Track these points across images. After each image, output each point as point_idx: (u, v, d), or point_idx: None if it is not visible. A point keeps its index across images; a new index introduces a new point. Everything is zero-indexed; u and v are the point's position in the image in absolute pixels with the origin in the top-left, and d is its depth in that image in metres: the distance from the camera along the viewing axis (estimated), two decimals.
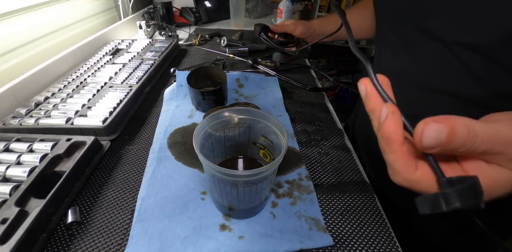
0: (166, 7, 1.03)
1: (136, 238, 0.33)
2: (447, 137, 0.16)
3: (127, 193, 0.40)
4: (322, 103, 0.63)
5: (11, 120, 0.48)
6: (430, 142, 0.17)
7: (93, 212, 0.37)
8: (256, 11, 1.31)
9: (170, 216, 0.36)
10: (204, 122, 0.32)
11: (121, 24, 0.96)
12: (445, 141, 0.16)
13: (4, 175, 0.37)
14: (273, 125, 0.33)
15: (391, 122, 0.18)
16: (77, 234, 0.34)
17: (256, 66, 0.74)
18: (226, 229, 0.35)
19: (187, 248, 0.32)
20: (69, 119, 0.48)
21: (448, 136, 0.16)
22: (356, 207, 0.39)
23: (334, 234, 0.35)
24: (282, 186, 0.41)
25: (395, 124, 0.18)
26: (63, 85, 0.60)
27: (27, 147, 0.42)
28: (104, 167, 0.44)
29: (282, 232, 0.35)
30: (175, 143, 0.47)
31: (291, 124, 0.54)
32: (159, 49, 0.79)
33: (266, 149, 0.37)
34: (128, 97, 0.55)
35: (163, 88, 0.65)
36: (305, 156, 0.47)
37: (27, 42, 0.67)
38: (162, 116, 0.55)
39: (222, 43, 0.88)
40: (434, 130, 0.17)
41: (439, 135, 0.16)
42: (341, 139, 0.52)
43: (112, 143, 0.48)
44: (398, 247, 0.34)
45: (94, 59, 0.72)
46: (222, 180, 0.29)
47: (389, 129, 0.18)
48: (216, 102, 0.55)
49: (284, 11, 0.93)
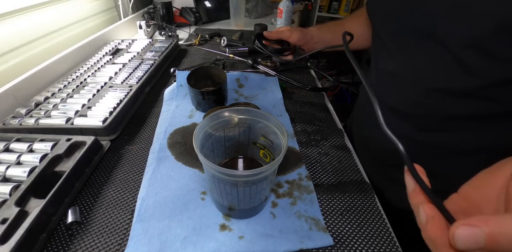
0: (166, 7, 1.03)
1: (136, 238, 0.33)
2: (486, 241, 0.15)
3: (127, 193, 0.40)
4: (322, 103, 0.63)
5: (11, 120, 0.48)
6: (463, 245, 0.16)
7: (93, 212, 0.37)
8: (256, 11, 1.31)
9: (170, 216, 0.36)
10: (204, 122, 0.32)
11: (121, 24, 0.96)
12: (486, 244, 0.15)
13: (4, 175, 0.37)
14: (273, 125, 0.33)
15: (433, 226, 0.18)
16: (77, 234, 0.34)
17: (256, 66, 0.74)
18: (226, 229, 0.35)
19: (187, 248, 0.32)
20: (69, 119, 0.48)
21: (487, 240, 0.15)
22: (356, 207, 0.39)
23: (334, 234, 0.35)
24: (282, 186, 0.41)
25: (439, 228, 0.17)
26: (63, 85, 0.60)
27: (27, 147, 0.42)
28: (104, 167, 0.44)
29: (282, 232, 0.35)
30: (175, 143, 0.47)
31: (291, 124, 0.54)
32: (159, 49, 0.79)
33: (266, 149, 0.37)
34: (128, 97, 0.55)
35: (163, 88, 0.65)
36: (305, 156, 0.47)
37: (27, 42, 0.67)
38: (162, 116, 0.55)
39: (222, 43, 0.88)
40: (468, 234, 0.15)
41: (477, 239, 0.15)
42: (341, 139, 0.52)
43: (112, 143, 0.48)
44: (398, 247, 0.34)
45: (94, 59, 0.72)
46: (222, 180, 0.29)
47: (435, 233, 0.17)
48: (216, 102, 0.55)
49: (284, 11, 0.93)
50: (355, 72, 0.73)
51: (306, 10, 2.44)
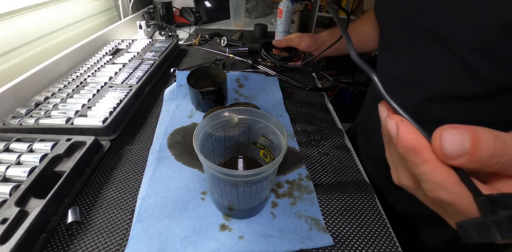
0: (166, 7, 1.03)
1: (136, 238, 0.33)
2: (472, 144, 0.14)
3: (127, 193, 0.40)
4: (322, 103, 0.63)
5: (11, 120, 0.48)
6: (452, 148, 0.15)
7: (93, 212, 0.37)
8: (256, 11, 1.31)
9: (170, 216, 0.36)
10: (204, 122, 0.32)
11: (121, 24, 0.96)
12: (471, 149, 0.14)
13: (4, 175, 0.37)
14: (273, 125, 0.33)
15: (406, 129, 0.16)
16: (77, 234, 0.34)
17: (256, 66, 0.74)
18: (226, 229, 0.35)
19: (187, 248, 0.32)
20: (69, 119, 0.48)
21: (473, 142, 0.14)
22: (356, 207, 0.39)
23: (334, 234, 0.35)
24: (282, 186, 0.41)
25: (413, 130, 0.16)
26: (63, 85, 0.60)
27: (27, 147, 0.42)
28: (104, 167, 0.44)
29: (282, 232, 0.35)
30: (175, 143, 0.47)
31: (291, 124, 0.54)
32: (159, 49, 0.79)
33: (266, 149, 0.37)
34: (128, 97, 0.55)
35: (163, 88, 0.65)
36: (305, 156, 0.47)
37: (27, 42, 0.67)
38: (162, 116, 0.55)
39: (222, 43, 0.88)
40: (455, 135, 0.15)
41: (462, 141, 0.15)
42: (341, 139, 0.52)
43: (112, 143, 0.48)
44: (398, 247, 0.34)
45: (94, 59, 0.72)
46: (222, 180, 0.29)
47: (409, 138, 0.16)
48: (216, 102, 0.55)
49: (284, 11, 0.93)
50: (355, 72, 0.72)
51: (306, 10, 2.44)
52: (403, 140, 0.16)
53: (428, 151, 0.16)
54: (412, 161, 0.16)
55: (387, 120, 0.17)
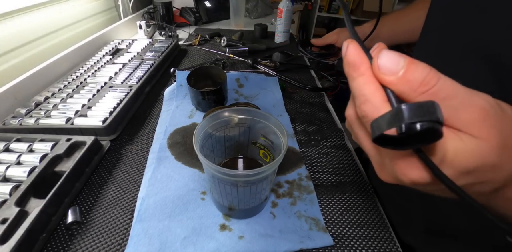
0: (166, 7, 1.03)
1: (136, 238, 0.33)
2: (407, 65, 0.15)
3: (127, 193, 0.40)
4: (322, 103, 0.63)
5: (11, 120, 0.48)
6: (388, 64, 0.16)
7: (93, 212, 0.37)
8: (256, 11, 1.31)
9: (170, 216, 0.36)
10: (204, 122, 0.32)
11: (121, 24, 0.96)
12: (405, 68, 0.15)
13: (4, 175, 0.37)
14: (273, 125, 0.33)
15: (352, 47, 0.18)
16: (77, 234, 0.34)
17: (256, 66, 0.74)
18: (226, 229, 0.35)
19: (187, 248, 0.32)
20: (69, 119, 0.48)
21: (408, 64, 0.15)
22: (356, 207, 0.39)
23: (334, 234, 0.35)
24: (282, 186, 0.41)
25: (357, 48, 0.17)
26: (63, 85, 0.60)
27: (27, 147, 0.42)
28: (104, 167, 0.44)
29: (282, 232, 0.35)
30: (175, 143, 0.47)
31: (291, 124, 0.54)
32: (159, 49, 0.79)
33: (266, 149, 0.37)
34: (128, 97, 0.55)
35: (163, 88, 0.65)
36: (305, 156, 0.47)
37: (27, 42, 0.67)
38: (162, 116, 0.55)
39: (222, 43, 0.88)
40: (393, 54, 0.16)
41: (398, 60, 0.16)
42: (341, 139, 0.52)
43: (112, 143, 0.48)
44: (398, 247, 0.34)
45: (94, 59, 0.72)
46: (222, 180, 0.29)
47: (352, 53, 0.17)
48: (216, 102, 0.55)
49: (284, 11, 0.93)
50: None
51: (306, 10, 2.45)
52: (347, 55, 0.18)
53: (365, 66, 0.17)
54: (351, 75, 0.18)
55: (343, 42, 0.18)
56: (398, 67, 0.16)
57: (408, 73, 0.15)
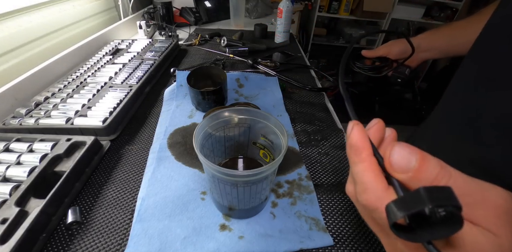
0: (166, 7, 1.03)
1: (136, 238, 0.33)
2: (418, 162, 0.15)
3: (127, 193, 0.40)
4: (322, 103, 0.63)
5: (11, 120, 0.48)
6: (400, 161, 0.16)
7: (93, 212, 0.37)
8: (256, 11, 1.31)
9: (170, 216, 0.36)
10: (204, 122, 0.32)
11: (121, 24, 0.96)
12: (417, 167, 0.15)
13: (4, 175, 0.37)
14: (273, 125, 0.33)
15: (357, 131, 0.18)
16: (77, 234, 0.34)
17: (256, 66, 0.74)
18: (226, 229, 0.35)
19: (187, 248, 0.32)
20: (69, 119, 0.48)
21: (420, 161, 0.15)
22: (356, 207, 0.39)
23: (334, 234, 0.35)
24: (282, 186, 0.41)
25: (361, 133, 0.18)
26: (63, 85, 0.60)
27: (27, 147, 0.42)
28: (104, 167, 0.44)
29: (282, 232, 0.35)
30: (175, 143, 0.47)
31: (291, 124, 0.54)
32: (159, 49, 0.79)
33: (266, 149, 0.37)
34: (128, 97, 0.55)
35: (163, 88, 0.65)
36: (305, 156, 0.47)
37: (27, 42, 0.67)
38: (162, 116, 0.55)
39: (222, 43, 0.88)
40: (405, 151, 0.16)
41: (410, 157, 0.15)
42: (341, 139, 0.52)
43: (112, 143, 0.48)
44: None
45: (94, 59, 0.72)
46: (222, 180, 0.29)
47: (356, 137, 0.18)
48: (216, 102, 0.55)
49: (284, 11, 0.93)
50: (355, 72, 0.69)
51: (306, 10, 2.44)
52: (350, 137, 0.18)
53: (367, 153, 0.17)
54: (353, 159, 0.18)
55: (349, 122, 0.19)
56: (410, 166, 0.15)
57: (419, 173, 0.15)
